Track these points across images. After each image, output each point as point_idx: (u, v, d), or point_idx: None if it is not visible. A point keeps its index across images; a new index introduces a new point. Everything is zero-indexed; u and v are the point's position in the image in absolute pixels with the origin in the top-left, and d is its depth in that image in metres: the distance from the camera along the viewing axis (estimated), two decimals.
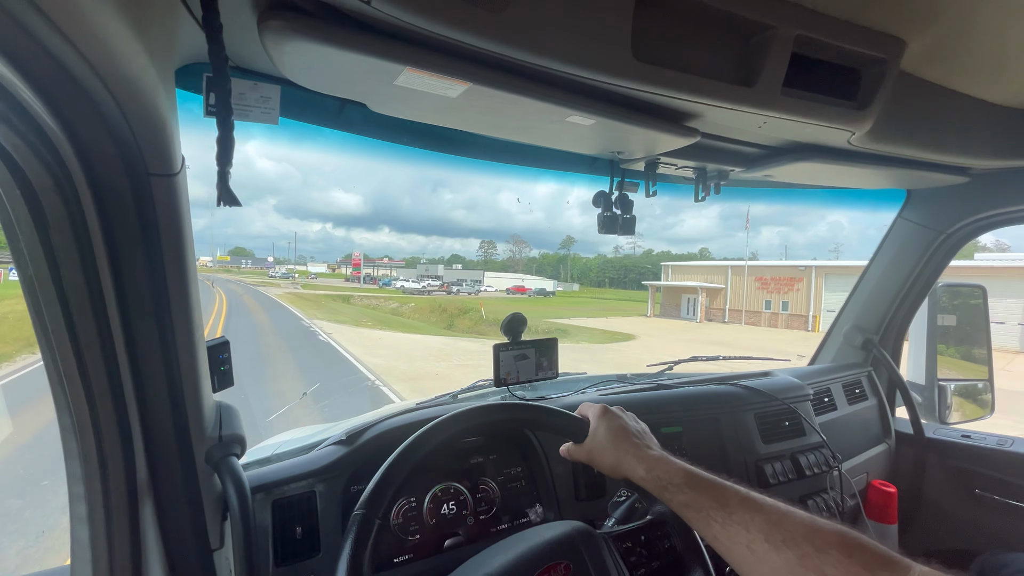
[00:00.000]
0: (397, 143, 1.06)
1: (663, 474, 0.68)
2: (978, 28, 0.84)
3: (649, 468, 0.70)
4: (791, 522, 0.57)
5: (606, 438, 0.75)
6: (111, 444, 0.65)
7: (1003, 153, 1.21)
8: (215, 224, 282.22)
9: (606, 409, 0.79)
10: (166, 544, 0.74)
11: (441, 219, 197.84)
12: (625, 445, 0.74)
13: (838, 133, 1.00)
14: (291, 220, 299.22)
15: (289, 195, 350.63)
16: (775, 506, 0.60)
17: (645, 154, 1.15)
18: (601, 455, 0.75)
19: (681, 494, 0.66)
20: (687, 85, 0.79)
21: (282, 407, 5.96)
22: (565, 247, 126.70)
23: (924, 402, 1.75)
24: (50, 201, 0.53)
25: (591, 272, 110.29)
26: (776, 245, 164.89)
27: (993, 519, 1.54)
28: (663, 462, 0.70)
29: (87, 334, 0.60)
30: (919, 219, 1.63)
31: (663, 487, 0.68)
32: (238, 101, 0.75)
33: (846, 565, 0.51)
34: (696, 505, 0.64)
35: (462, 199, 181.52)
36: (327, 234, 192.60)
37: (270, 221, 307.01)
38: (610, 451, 0.74)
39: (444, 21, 0.61)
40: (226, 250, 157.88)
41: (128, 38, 0.49)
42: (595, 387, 1.39)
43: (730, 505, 0.61)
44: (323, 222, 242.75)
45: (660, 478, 0.68)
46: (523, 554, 0.69)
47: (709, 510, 0.62)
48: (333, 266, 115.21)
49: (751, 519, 0.59)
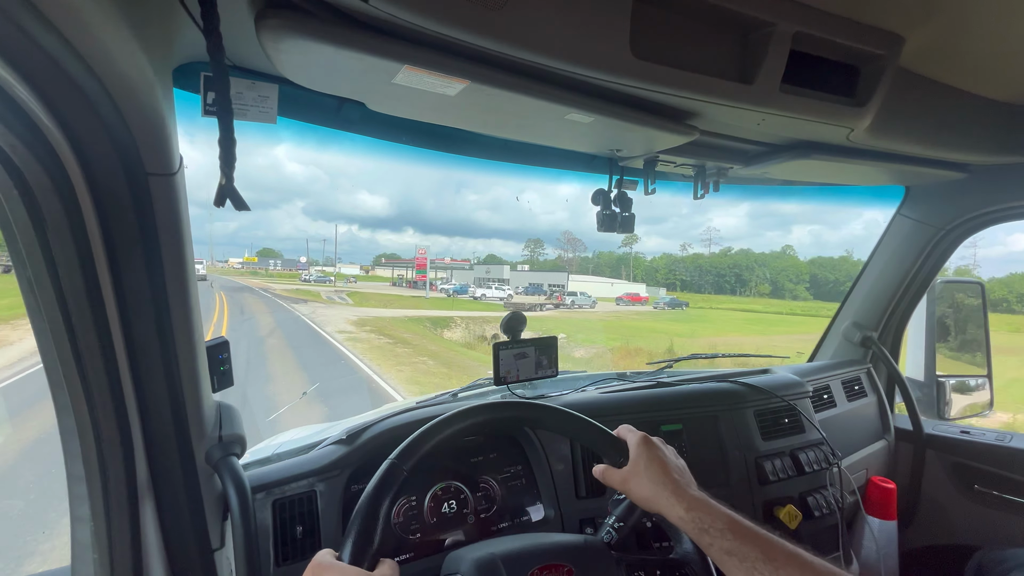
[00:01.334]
0: (396, 142, 1.06)
1: (705, 516, 0.66)
2: (976, 24, 0.84)
3: (689, 508, 0.68)
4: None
5: (645, 470, 0.73)
6: (111, 445, 0.65)
7: (1001, 149, 1.21)
8: (245, 227, 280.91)
9: (647, 439, 0.77)
10: (167, 544, 0.74)
11: (464, 220, 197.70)
12: (665, 480, 0.71)
13: (837, 130, 1.00)
14: (318, 222, 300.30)
15: (317, 197, 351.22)
16: (824, 566, 0.59)
17: (644, 152, 1.15)
18: (638, 487, 0.73)
19: (724, 541, 0.64)
20: (686, 83, 0.79)
21: None
22: (627, 244, 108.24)
23: (923, 398, 1.75)
24: (48, 201, 0.53)
25: (658, 274, 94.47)
26: (808, 244, 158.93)
27: (992, 515, 1.55)
28: (704, 505, 0.68)
29: (86, 334, 0.60)
30: (918, 215, 1.63)
31: (703, 530, 0.66)
32: (236, 100, 0.75)
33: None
34: (741, 555, 0.62)
35: (486, 200, 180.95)
36: (353, 235, 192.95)
37: (298, 223, 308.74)
38: (647, 484, 0.72)
39: (442, 19, 0.60)
40: (254, 251, 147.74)
41: (125, 37, 0.48)
42: (595, 385, 1.39)
43: (777, 560, 0.60)
44: (349, 224, 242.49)
45: (701, 520, 0.66)
46: (530, 546, 0.70)
47: (754, 561, 0.60)
48: (367, 268, 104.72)
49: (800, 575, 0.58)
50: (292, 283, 50.94)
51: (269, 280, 56.47)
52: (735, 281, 77.54)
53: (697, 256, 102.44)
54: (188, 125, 0.72)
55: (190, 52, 0.71)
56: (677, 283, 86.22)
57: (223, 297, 22.20)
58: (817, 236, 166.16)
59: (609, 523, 0.86)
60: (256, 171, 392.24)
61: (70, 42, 0.44)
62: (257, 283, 45.37)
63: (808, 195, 1.68)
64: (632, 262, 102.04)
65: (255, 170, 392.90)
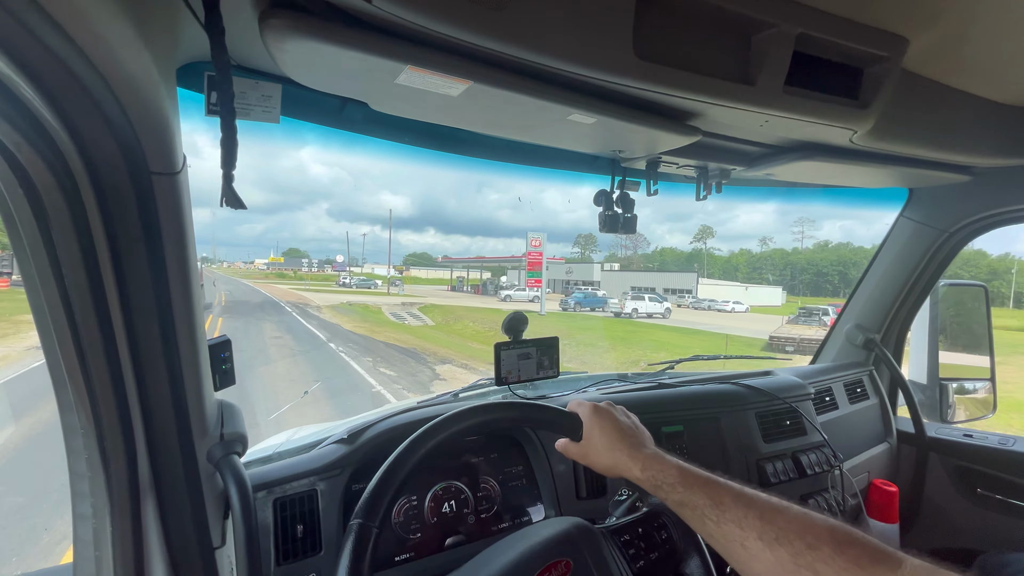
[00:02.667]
0: (398, 142, 1.06)
1: (657, 473, 0.68)
2: (980, 26, 0.84)
3: (644, 467, 0.70)
4: (784, 518, 0.58)
5: (600, 439, 0.75)
6: (113, 442, 0.65)
7: (1005, 152, 1.20)
8: (272, 228, 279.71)
9: (596, 407, 0.79)
10: (168, 542, 0.74)
11: (486, 219, 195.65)
12: (620, 445, 0.74)
13: (840, 132, 1.00)
14: (341, 223, 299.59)
15: (340, 199, 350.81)
16: (768, 502, 0.60)
17: (646, 153, 1.15)
18: (597, 456, 0.75)
19: (675, 493, 0.66)
20: (688, 83, 0.79)
21: None
22: (700, 239, 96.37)
23: (926, 401, 1.75)
24: (52, 200, 0.53)
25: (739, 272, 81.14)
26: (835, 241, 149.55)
27: (995, 518, 1.54)
28: (657, 460, 0.70)
29: (89, 332, 0.60)
30: (921, 218, 1.63)
31: (658, 486, 0.68)
32: (239, 100, 0.75)
33: (838, 561, 0.51)
34: (691, 503, 0.64)
35: (508, 199, 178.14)
36: (375, 236, 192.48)
37: (322, 224, 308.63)
38: (605, 453, 0.74)
39: (445, 19, 0.60)
40: (280, 252, 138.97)
41: (130, 37, 0.49)
42: (596, 386, 1.39)
43: (724, 503, 0.61)
44: (371, 224, 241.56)
45: (655, 477, 0.68)
46: (523, 553, 0.69)
47: (703, 508, 0.63)
48: (400, 267, 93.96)
49: (744, 516, 0.59)
50: (326, 287, 41.42)
51: (299, 285, 43.53)
52: (839, 280, 65.75)
53: (785, 251, 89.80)
54: (198, 124, 0.72)
55: (195, 52, 0.71)
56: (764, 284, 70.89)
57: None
58: (849, 232, 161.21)
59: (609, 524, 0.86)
60: (282, 173, 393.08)
61: (75, 41, 0.44)
62: (285, 290, 34.40)
63: (811, 197, 1.67)
64: (706, 259, 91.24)
65: (281, 172, 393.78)
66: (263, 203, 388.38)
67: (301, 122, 0.95)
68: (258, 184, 31.28)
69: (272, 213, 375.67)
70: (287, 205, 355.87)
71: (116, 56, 0.48)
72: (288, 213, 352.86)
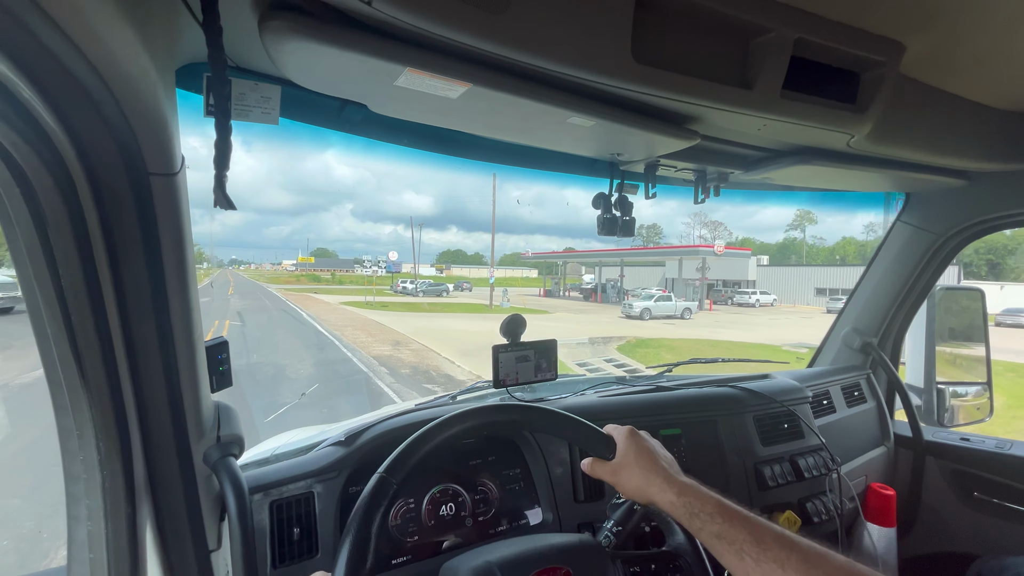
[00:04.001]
0: (397, 144, 1.06)
1: (695, 501, 0.67)
2: (976, 32, 0.84)
3: (680, 493, 0.69)
4: (830, 565, 0.57)
5: (635, 459, 0.75)
6: (109, 444, 0.65)
7: (1001, 156, 1.21)
8: (298, 231, 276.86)
9: (634, 431, 0.79)
10: (163, 545, 0.74)
11: (508, 216, 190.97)
12: (654, 468, 0.73)
13: (837, 136, 1.01)
14: (365, 223, 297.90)
15: (364, 199, 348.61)
16: (812, 547, 0.59)
17: (645, 156, 1.16)
18: (628, 476, 0.75)
19: (713, 524, 0.65)
20: (687, 87, 0.79)
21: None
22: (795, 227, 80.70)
23: (923, 405, 1.75)
24: (50, 200, 0.53)
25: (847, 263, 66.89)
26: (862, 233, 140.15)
27: (992, 522, 1.54)
28: (694, 490, 0.69)
29: (86, 334, 0.60)
30: (918, 222, 1.63)
31: (694, 514, 0.67)
32: (238, 101, 0.75)
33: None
34: (729, 538, 0.63)
35: (529, 195, 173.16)
36: (398, 236, 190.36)
37: (346, 225, 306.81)
38: (638, 473, 0.74)
39: (444, 22, 0.61)
40: (308, 252, 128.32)
41: (129, 38, 0.49)
42: (594, 389, 1.39)
43: (765, 541, 0.60)
44: (395, 224, 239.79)
45: (691, 504, 0.67)
46: (527, 551, 0.69)
47: (743, 544, 0.61)
48: (439, 266, 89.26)
49: (787, 558, 0.58)
50: (379, 293, 31.92)
51: (338, 291, 31.45)
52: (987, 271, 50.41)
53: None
54: (201, 126, 0.71)
55: (194, 53, 0.71)
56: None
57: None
58: (872, 228, 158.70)
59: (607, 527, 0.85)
60: (308, 176, 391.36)
61: (74, 42, 0.44)
62: (331, 300, 24.86)
63: (808, 201, 1.68)
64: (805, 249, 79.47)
65: (307, 175, 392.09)
66: (291, 205, 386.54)
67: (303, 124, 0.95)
68: (286, 187, 30.44)
69: (298, 215, 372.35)
70: (312, 207, 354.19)
71: (115, 57, 0.48)
72: (313, 214, 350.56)
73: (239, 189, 6.97)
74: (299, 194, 31.96)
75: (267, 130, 0.80)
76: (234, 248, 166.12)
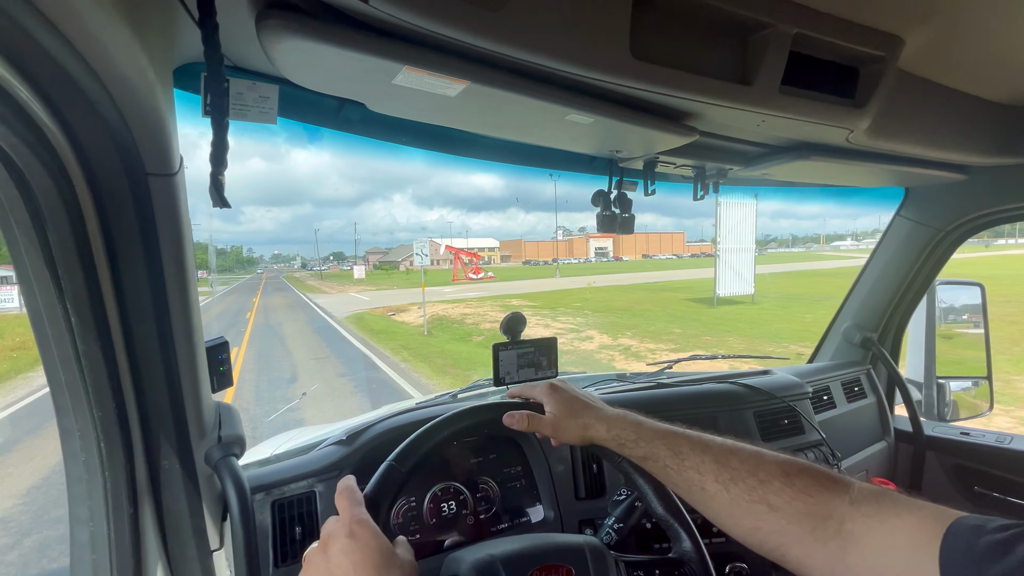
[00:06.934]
0: (396, 143, 1.06)
1: (621, 432, 0.70)
2: (975, 26, 0.84)
3: (609, 427, 0.72)
4: (737, 459, 0.60)
5: (565, 408, 0.77)
6: (111, 445, 0.65)
7: (1001, 150, 1.21)
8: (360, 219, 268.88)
9: (552, 384, 0.81)
10: (166, 545, 0.74)
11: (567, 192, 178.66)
12: (584, 411, 0.76)
13: (836, 131, 1.00)
14: (422, 208, 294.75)
15: (419, 185, 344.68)
16: (723, 445, 0.63)
17: (644, 153, 1.15)
18: (565, 427, 0.77)
19: (638, 448, 0.68)
20: (685, 84, 0.79)
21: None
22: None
23: (923, 400, 1.75)
24: (48, 201, 0.53)
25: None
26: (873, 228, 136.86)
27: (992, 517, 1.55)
28: (620, 419, 0.72)
29: (86, 334, 0.60)
30: (917, 217, 1.63)
31: (622, 444, 0.70)
32: (236, 101, 0.75)
33: (788, 492, 0.54)
34: (653, 456, 0.66)
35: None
36: (443, 220, 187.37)
37: (399, 212, 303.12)
38: (570, 420, 0.76)
39: (442, 20, 0.60)
40: (362, 249, 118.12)
41: (126, 38, 0.48)
42: (594, 386, 1.39)
43: (683, 451, 0.64)
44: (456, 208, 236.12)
45: (619, 436, 0.70)
46: (529, 547, 0.70)
47: (665, 459, 0.65)
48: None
49: (701, 462, 0.61)
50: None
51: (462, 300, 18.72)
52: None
53: None
54: (199, 127, 0.72)
55: (191, 52, 0.71)
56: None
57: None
58: (881, 222, 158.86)
59: (608, 524, 0.86)
60: (352, 167, 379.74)
61: (70, 42, 0.44)
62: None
63: (808, 196, 1.68)
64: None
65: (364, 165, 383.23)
66: (351, 195, 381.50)
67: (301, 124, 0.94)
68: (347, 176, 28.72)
69: (355, 206, 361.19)
70: (366, 195, 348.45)
71: (112, 57, 0.48)
72: (368, 203, 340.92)
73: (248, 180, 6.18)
74: (354, 181, 28.72)
75: (255, 130, 0.81)
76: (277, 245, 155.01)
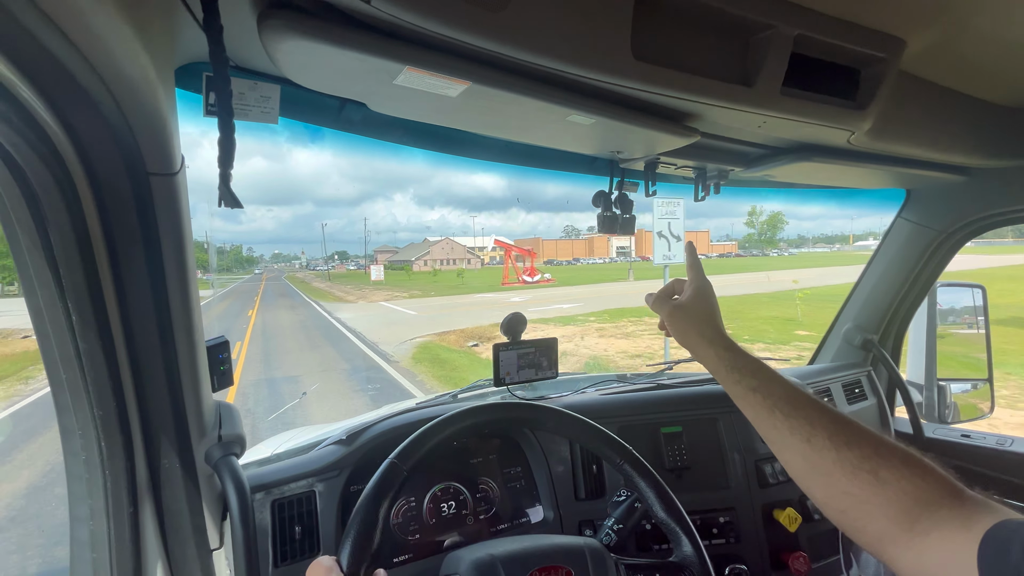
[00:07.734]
0: (397, 143, 1.06)
1: (738, 357, 0.71)
2: (977, 28, 0.84)
3: (728, 348, 0.72)
4: (860, 429, 0.58)
5: (700, 306, 0.79)
6: (111, 444, 0.65)
7: (1002, 152, 1.21)
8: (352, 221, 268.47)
9: (708, 283, 0.83)
10: (166, 544, 0.74)
11: (566, 193, 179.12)
12: (712, 320, 0.77)
13: (838, 133, 1.00)
14: (422, 208, 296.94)
15: (421, 184, 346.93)
16: (847, 417, 0.61)
17: (645, 154, 1.15)
18: (684, 318, 0.79)
19: (753, 379, 0.67)
20: (687, 85, 0.79)
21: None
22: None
23: (924, 402, 1.75)
24: (50, 200, 0.53)
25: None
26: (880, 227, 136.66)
27: None
28: (741, 348, 0.73)
29: (87, 333, 0.60)
30: (919, 219, 1.63)
31: (734, 367, 0.70)
32: (238, 100, 0.75)
33: (904, 471, 0.52)
34: (765, 391, 0.65)
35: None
36: (445, 220, 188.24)
37: (401, 212, 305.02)
38: (696, 318, 0.78)
39: (444, 20, 0.60)
40: (370, 247, 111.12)
41: (128, 38, 0.49)
42: (595, 387, 1.39)
43: (799, 400, 0.63)
44: (456, 209, 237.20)
45: (735, 359, 0.71)
46: (529, 548, 0.70)
47: (777, 399, 0.64)
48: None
49: (819, 416, 0.60)
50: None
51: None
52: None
53: None
54: (200, 126, 0.72)
55: (193, 52, 0.71)
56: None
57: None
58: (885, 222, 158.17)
59: (608, 525, 0.86)
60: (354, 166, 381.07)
61: (73, 42, 0.44)
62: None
63: (809, 198, 1.68)
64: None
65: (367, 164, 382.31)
66: (352, 195, 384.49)
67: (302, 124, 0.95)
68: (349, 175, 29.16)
69: (356, 205, 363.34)
70: (368, 195, 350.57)
71: (114, 56, 0.48)
72: (369, 203, 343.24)
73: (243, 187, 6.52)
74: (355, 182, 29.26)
75: (261, 130, 0.81)
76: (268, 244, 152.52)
